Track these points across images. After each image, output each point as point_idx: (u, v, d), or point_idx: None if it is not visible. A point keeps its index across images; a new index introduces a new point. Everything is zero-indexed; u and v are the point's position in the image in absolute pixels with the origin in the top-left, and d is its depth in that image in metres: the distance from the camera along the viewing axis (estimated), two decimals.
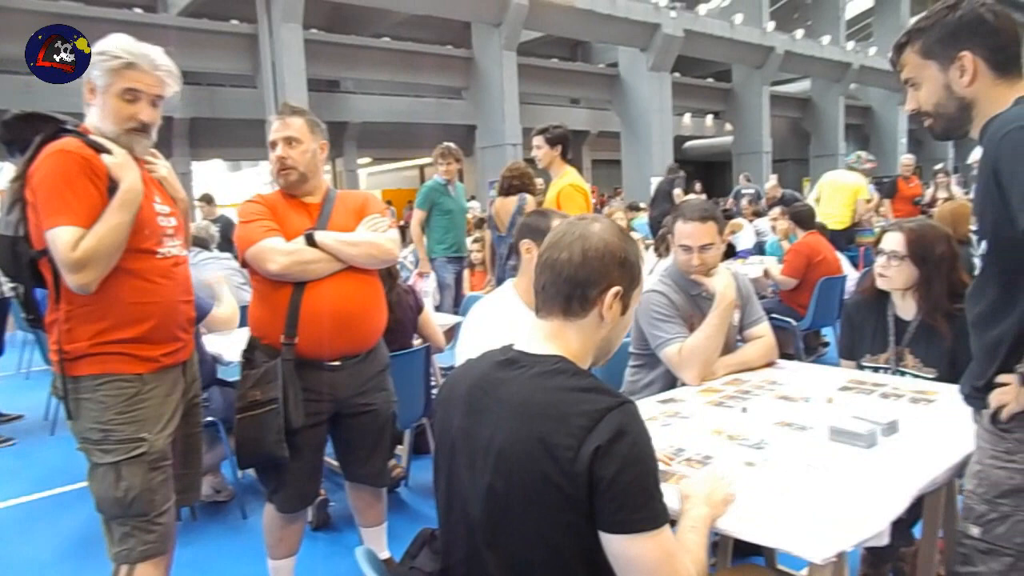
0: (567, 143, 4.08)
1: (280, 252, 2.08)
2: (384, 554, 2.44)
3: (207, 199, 8.37)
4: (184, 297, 1.91)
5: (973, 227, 1.43)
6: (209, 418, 2.92)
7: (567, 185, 3.93)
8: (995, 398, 1.34)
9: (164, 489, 1.81)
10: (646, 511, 1.08)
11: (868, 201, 7.63)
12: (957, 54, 1.35)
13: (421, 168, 24.52)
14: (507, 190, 4.49)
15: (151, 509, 1.77)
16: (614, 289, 1.21)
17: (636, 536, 1.08)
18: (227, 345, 3.20)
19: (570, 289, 1.21)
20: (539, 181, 7.37)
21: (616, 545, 1.09)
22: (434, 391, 3.23)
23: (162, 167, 1.96)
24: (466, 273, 5.69)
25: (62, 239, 1.64)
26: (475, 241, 5.90)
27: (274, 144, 2.20)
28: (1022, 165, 1.20)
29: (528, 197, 4.36)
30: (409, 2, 14.23)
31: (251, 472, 2.96)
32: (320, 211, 2.22)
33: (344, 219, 2.22)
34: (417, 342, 3.36)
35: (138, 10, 14.45)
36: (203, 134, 16.12)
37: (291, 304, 2.11)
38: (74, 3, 12.01)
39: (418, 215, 5.26)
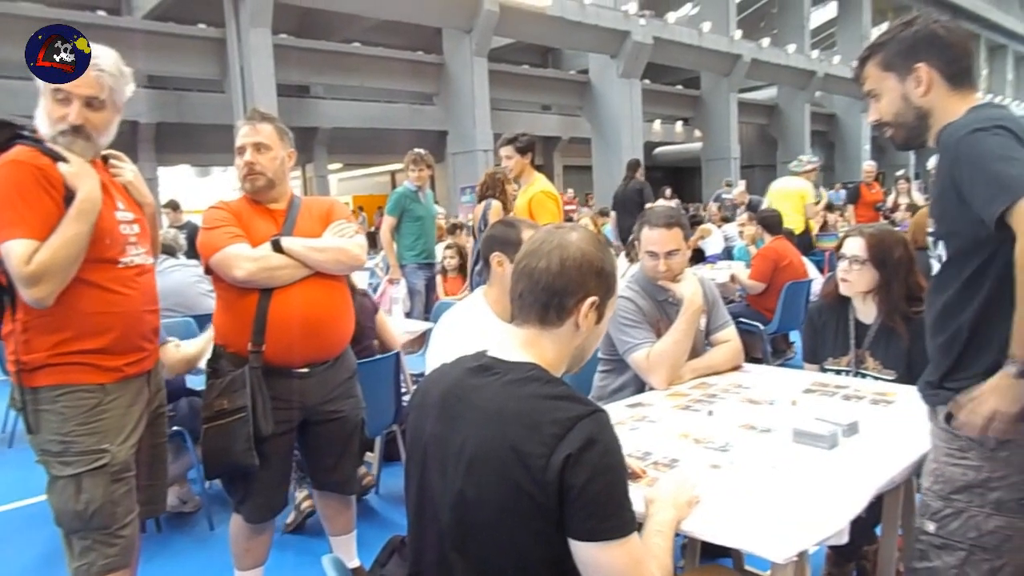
0: (535, 150, 4.13)
1: (246, 258, 2.06)
2: (354, 562, 2.43)
3: (173, 205, 8.25)
4: (148, 307, 1.88)
5: (930, 229, 1.48)
6: (175, 427, 2.89)
7: (539, 192, 3.96)
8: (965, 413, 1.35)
9: (127, 501, 1.78)
10: (615, 519, 1.09)
11: (816, 203, 7.68)
12: (913, 66, 1.42)
13: (392, 174, 24.43)
14: (481, 196, 4.52)
15: (113, 522, 1.74)
16: (591, 299, 1.22)
17: (605, 544, 1.09)
18: None
19: (547, 298, 1.21)
20: (513, 187, 7.41)
21: (585, 552, 1.10)
22: (405, 397, 3.22)
23: (128, 171, 1.92)
24: (439, 279, 5.69)
25: (15, 253, 1.59)
26: (448, 247, 5.91)
27: (242, 149, 2.17)
28: (981, 164, 1.25)
29: (493, 203, 4.38)
30: (379, 8, 14.20)
31: (218, 482, 2.92)
32: (285, 217, 2.21)
33: (310, 225, 2.21)
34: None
35: (102, 13, 14.21)
36: (170, 139, 15.87)
37: (258, 311, 2.09)
38: (35, 5, 11.78)
39: (388, 221, 5.26)
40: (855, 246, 2.33)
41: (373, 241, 15.15)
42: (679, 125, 25.30)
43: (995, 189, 1.21)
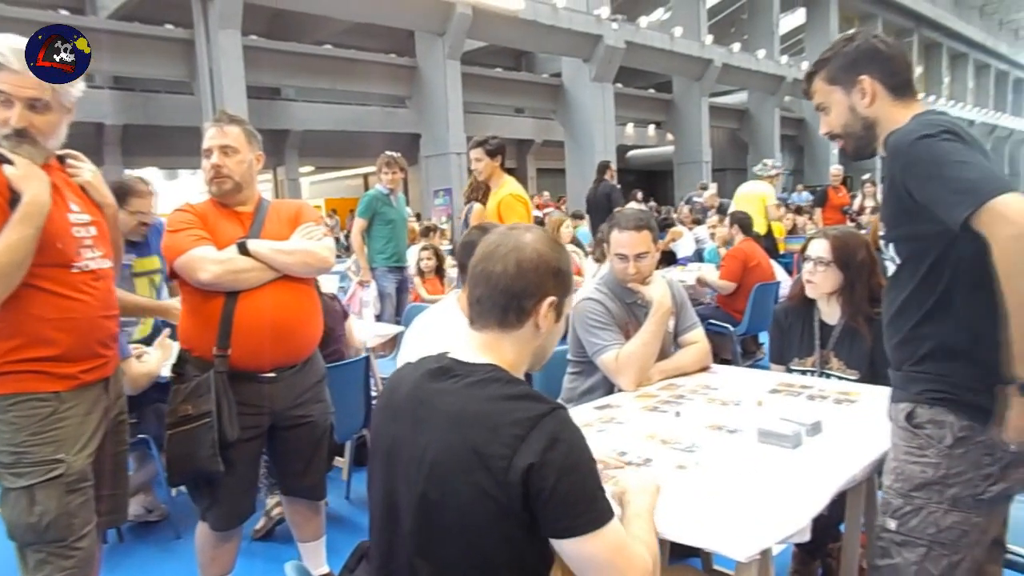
0: (505, 153, 4.14)
1: (211, 261, 2.04)
2: (323, 569, 2.40)
3: None
4: (106, 312, 1.82)
5: (881, 232, 1.52)
6: (140, 435, 2.83)
7: (508, 195, 3.97)
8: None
9: (84, 512, 1.73)
10: (591, 512, 1.10)
11: (777, 207, 7.83)
12: (857, 78, 1.48)
13: (365, 177, 24.25)
14: (468, 199, 4.57)
15: (69, 534, 1.69)
16: (549, 299, 1.23)
17: (586, 537, 1.10)
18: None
19: (506, 301, 1.22)
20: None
21: (568, 548, 1.11)
22: (375, 402, 3.20)
23: (86, 171, 1.87)
24: (417, 280, 5.70)
25: None
26: (424, 249, 5.93)
27: (209, 152, 2.14)
28: (936, 170, 1.28)
29: (476, 207, 4.42)
30: (352, 10, 14.10)
31: (184, 489, 2.87)
32: (253, 220, 2.18)
33: (277, 228, 2.19)
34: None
35: (64, 12, 13.91)
36: (137, 141, 15.57)
37: (223, 315, 2.06)
38: None
39: (359, 224, 5.24)
40: (820, 248, 2.38)
41: (346, 244, 15.04)
42: (651, 129, 25.51)
43: (957, 194, 1.24)
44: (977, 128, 29.62)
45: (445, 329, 1.99)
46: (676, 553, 2.24)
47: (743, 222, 5.52)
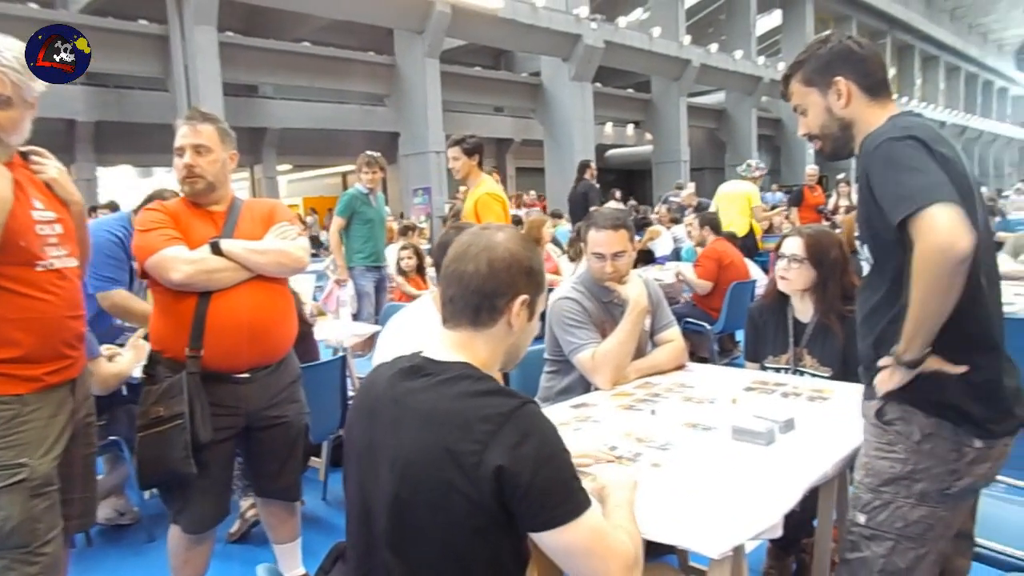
0: (483, 152, 4.13)
1: (183, 261, 2.01)
2: (299, 571, 2.38)
3: (112, 206, 8.01)
4: (71, 312, 1.78)
5: (857, 233, 1.55)
6: (111, 437, 2.79)
7: (484, 194, 3.96)
8: (878, 381, 1.44)
9: (48, 517, 1.69)
10: (569, 503, 1.11)
11: (764, 209, 8.00)
12: (832, 79, 1.50)
13: (343, 175, 24.09)
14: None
15: (33, 539, 1.65)
16: (521, 297, 1.24)
17: (565, 527, 1.10)
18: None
19: (478, 300, 1.22)
20: (461, 189, 7.40)
21: (548, 540, 1.12)
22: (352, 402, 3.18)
23: (51, 167, 1.83)
24: (401, 279, 5.71)
25: None
26: (404, 248, 5.94)
27: (181, 151, 2.11)
28: (891, 172, 1.32)
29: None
30: (330, 7, 14.00)
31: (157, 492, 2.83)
32: (226, 219, 2.16)
33: (251, 228, 2.16)
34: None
35: (34, 5, 13.63)
36: (110, 139, 15.31)
37: (196, 315, 2.04)
38: None
39: (338, 223, 5.20)
40: (794, 245, 2.40)
41: (315, 243, 14.92)
42: (630, 128, 25.63)
43: (900, 198, 1.28)
44: (948, 129, 30.16)
45: (421, 328, 1.98)
46: (653, 551, 2.24)
47: (713, 223, 5.58)
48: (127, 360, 2.57)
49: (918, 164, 1.30)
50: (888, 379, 1.40)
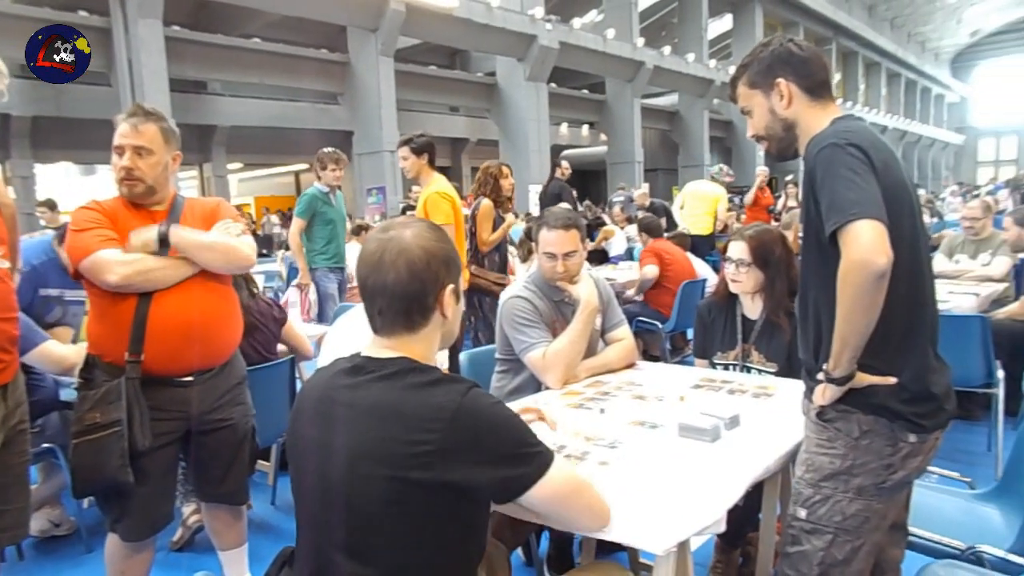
0: (433, 151, 4.09)
1: (120, 262, 1.93)
2: None
3: (50, 204, 7.70)
4: (3, 314, 1.72)
5: (801, 233, 1.59)
6: (46, 444, 2.68)
7: (433, 193, 3.93)
8: (814, 396, 1.49)
9: None
10: (534, 463, 1.17)
11: (729, 210, 8.33)
12: (774, 81, 1.54)
13: (296, 174, 23.71)
14: (476, 193, 4.50)
15: None
16: (449, 288, 1.27)
17: (540, 483, 1.17)
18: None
19: (407, 305, 1.23)
20: (415, 188, 7.33)
21: (527, 501, 1.19)
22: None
23: None
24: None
25: None
26: None
27: (121, 150, 2.02)
28: (830, 178, 1.36)
29: (483, 202, 4.37)
30: (280, 3, 13.73)
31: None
32: (167, 219, 2.09)
33: (193, 227, 2.10)
34: (282, 349, 3.24)
35: None
36: (48, 134, 14.73)
37: (136, 317, 1.96)
38: None
39: (299, 224, 5.00)
40: (739, 250, 2.45)
41: (267, 242, 14.60)
42: (585, 129, 25.83)
43: (833, 208, 1.33)
44: (889, 133, 31.26)
45: (364, 329, 1.97)
46: (603, 548, 2.27)
47: (649, 227, 5.64)
48: (78, 347, 2.47)
49: (854, 175, 1.33)
50: (821, 395, 1.46)
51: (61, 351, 2.43)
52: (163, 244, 1.98)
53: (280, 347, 3.20)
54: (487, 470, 1.14)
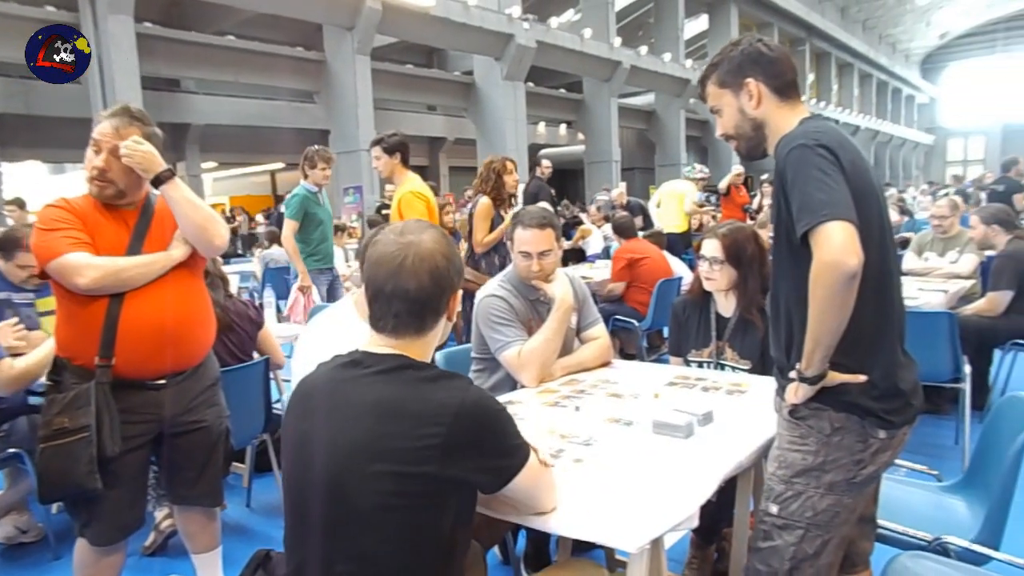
0: (406, 150, 4.05)
1: (89, 265, 1.89)
2: None
3: (19, 203, 7.55)
4: None
5: (770, 233, 1.60)
6: (12, 449, 2.62)
7: (407, 192, 3.91)
8: (786, 395, 1.51)
9: None
10: (519, 453, 1.25)
11: (700, 206, 8.42)
12: (744, 81, 1.55)
13: (272, 174, 23.46)
14: (478, 191, 4.49)
15: None
16: (457, 293, 1.33)
17: (521, 473, 1.25)
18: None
19: (423, 310, 1.27)
20: (388, 187, 7.29)
21: (509, 488, 1.25)
22: (276, 405, 3.09)
23: None
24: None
25: None
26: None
27: (97, 148, 1.97)
28: (801, 179, 1.37)
29: (481, 200, 4.36)
30: (255, 0, 13.58)
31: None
32: (138, 220, 2.05)
33: (162, 231, 2.06)
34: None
35: None
36: (16, 132, 14.41)
37: (107, 320, 1.93)
38: None
39: (292, 226, 4.78)
40: (712, 248, 2.47)
41: (249, 242, 14.43)
42: (563, 128, 25.87)
43: (804, 210, 1.35)
44: (862, 133, 31.71)
45: (338, 328, 1.97)
46: (580, 546, 2.28)
47: (622, 228, 5.67)
48: (35, 360, 2.40)
49: (825, 176, 1.35)
50: (794, 394, 1.48)
51: (7, 374, 2.33)
52: (157, 184, 1.98)
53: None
54: (484, 462, 1.20)
